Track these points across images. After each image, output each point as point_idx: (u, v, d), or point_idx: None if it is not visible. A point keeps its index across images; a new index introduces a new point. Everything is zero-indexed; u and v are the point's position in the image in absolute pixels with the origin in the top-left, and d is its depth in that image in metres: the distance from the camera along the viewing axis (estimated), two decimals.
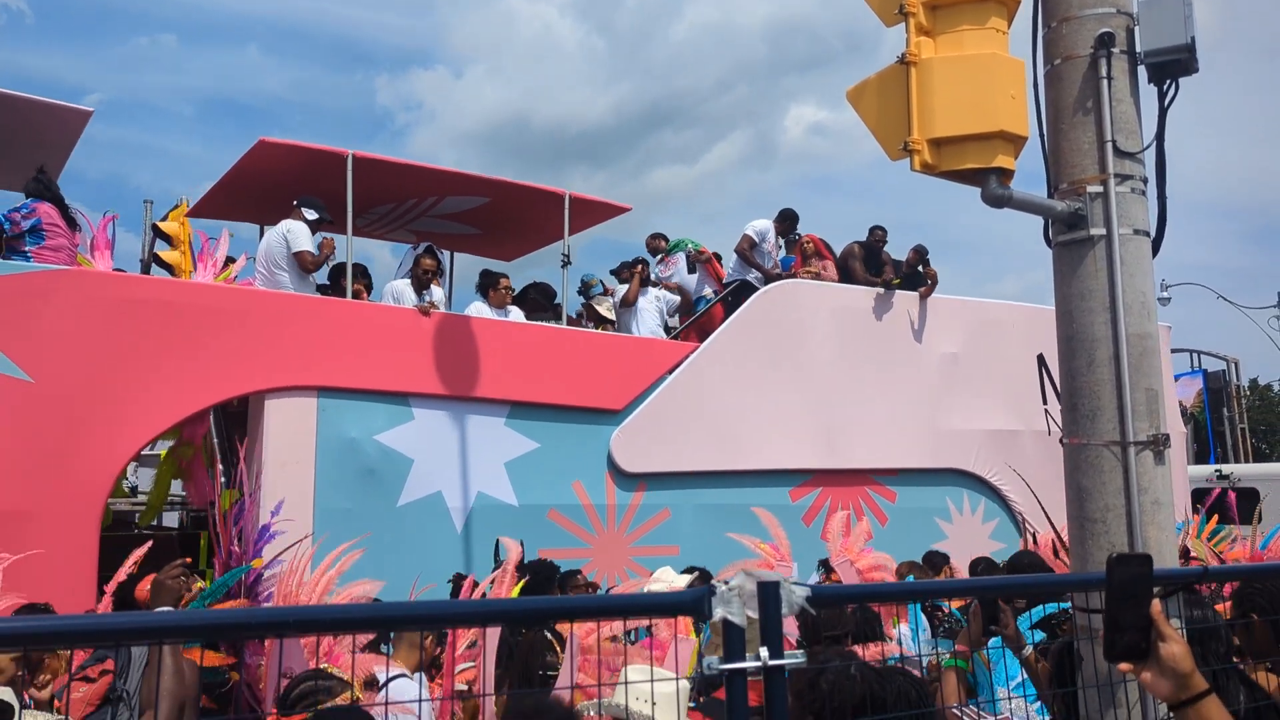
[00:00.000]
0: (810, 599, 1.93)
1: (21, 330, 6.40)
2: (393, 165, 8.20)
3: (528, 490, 8.13)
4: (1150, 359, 3.85)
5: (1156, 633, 1.88)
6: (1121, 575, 1.91)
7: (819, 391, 9.48)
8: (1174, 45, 3.91)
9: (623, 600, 3.04)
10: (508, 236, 10.12)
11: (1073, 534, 3.89)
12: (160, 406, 6.78)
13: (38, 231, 6.69)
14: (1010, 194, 3.81)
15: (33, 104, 6.94)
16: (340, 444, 7.41)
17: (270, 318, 7.28)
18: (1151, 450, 3.79)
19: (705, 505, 8.82)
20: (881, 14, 3.91)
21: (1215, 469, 13.73)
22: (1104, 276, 3.87)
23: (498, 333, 8.32)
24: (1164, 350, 12.19)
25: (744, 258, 9.78)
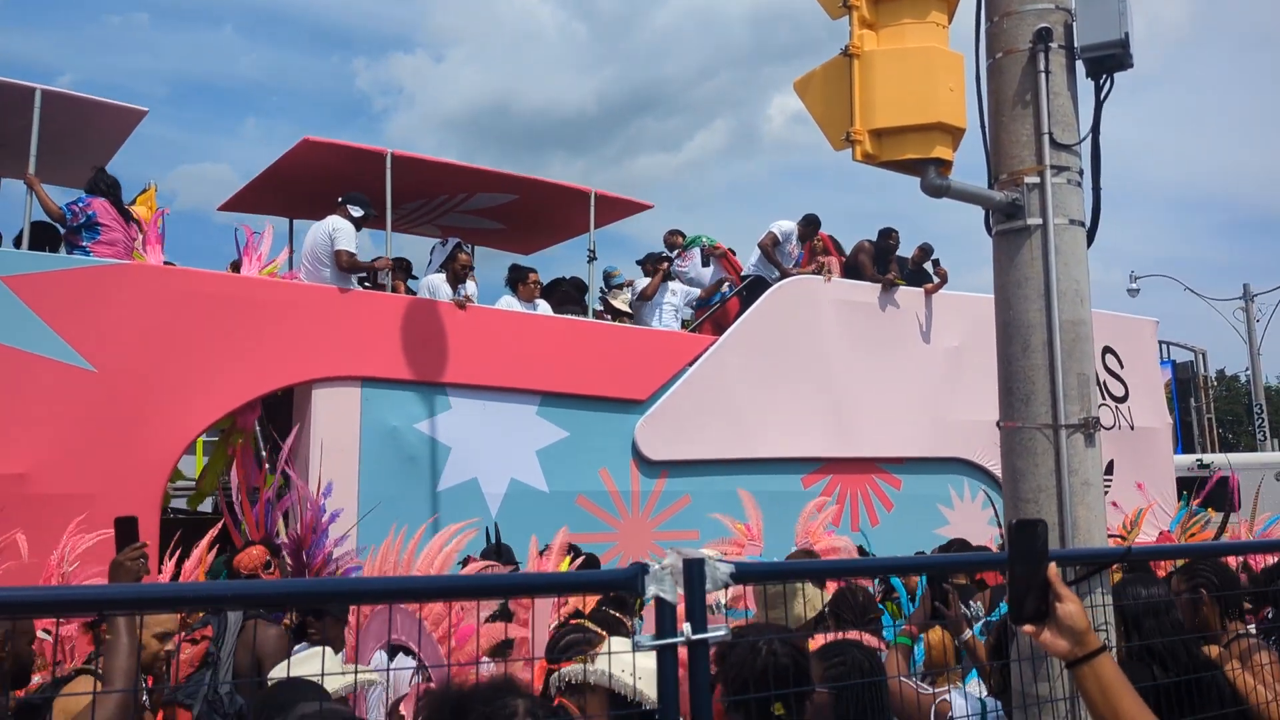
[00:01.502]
0: (734, 575, 1.96)
1: (85, 322, 6.64)
2: (429, 163, 8.48)
3: (557, 477, 8.46)
4: (1083, 345, 3.94)
5: (1054, 593, 1.91)
6: (1020, 541, 1.95)
7: (829, 383, 9.86)
8: (1109, 40, 3.99)
9: (557, 578, 3.03)
10: (529, 231, 10.41)
11: (1008, 514, 3.97)
12: (215, 395, 7.05)
13: (94, 226, 6.93)
14: (949, 184, 3.89)
15: (89, 103, 7.16)
16: (383, 432, 7.70)
17: (317, 311, 7.55)
18: (1082, 433, 3.88)
19: (723, 492, 9.15)
20: (827, 6, 3.95)
21: (1196, 458, 14.26)
22: (1040, 265, 3.96)
23: (528, 325, 8.63)
24: (1150, 344, 12.70)
25: (766, 254, 10.13)
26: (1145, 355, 12.46)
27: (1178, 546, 7.10)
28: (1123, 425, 11.76)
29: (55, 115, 7.06)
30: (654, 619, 1.91)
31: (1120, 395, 11.83)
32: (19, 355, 6.41)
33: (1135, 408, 11.92)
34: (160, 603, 2.36)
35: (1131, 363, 12.04)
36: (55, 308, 6.54)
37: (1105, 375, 11.77)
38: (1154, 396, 12.41)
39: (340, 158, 8.18)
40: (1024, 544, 1.94)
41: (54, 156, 7.48)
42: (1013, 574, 1.94)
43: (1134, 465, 11.59)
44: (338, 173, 8.33)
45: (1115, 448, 11.60)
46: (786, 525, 7.65)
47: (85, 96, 7.11)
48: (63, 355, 6.55)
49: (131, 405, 6.74)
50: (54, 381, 6.50)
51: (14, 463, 6.30)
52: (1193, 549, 6.07)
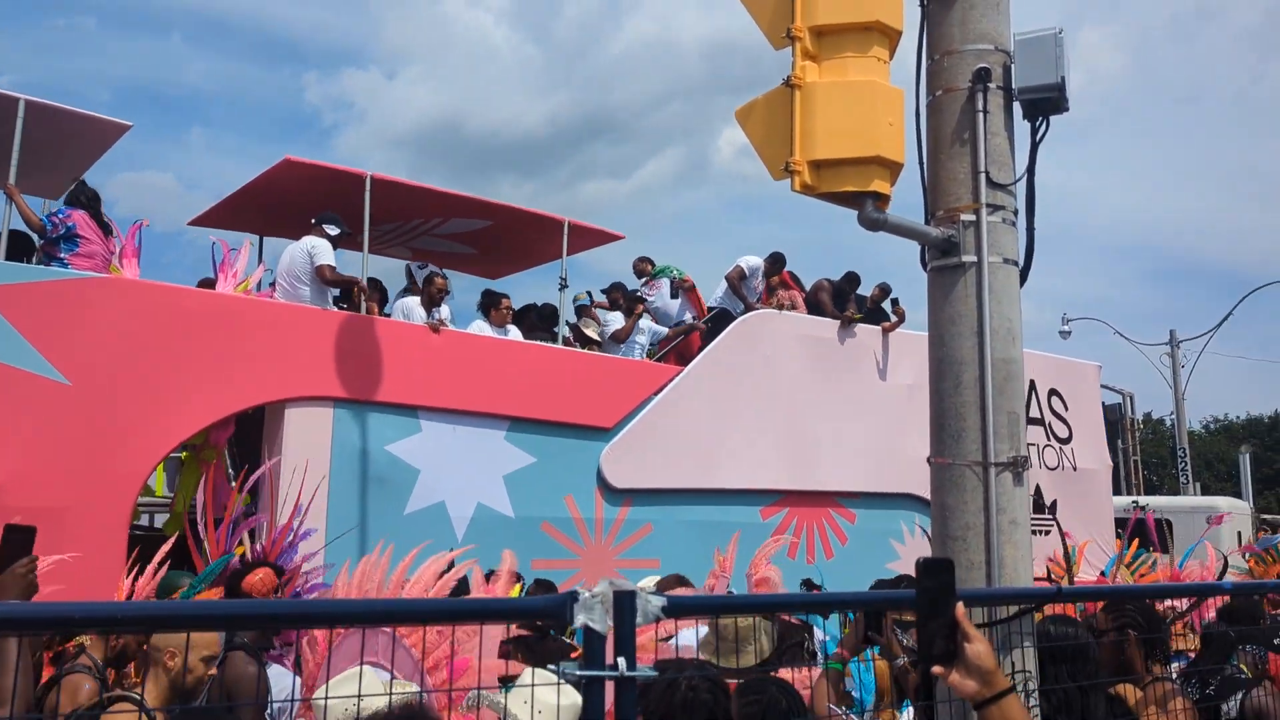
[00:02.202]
0: (665, 608, 1.92)
1: (60, 335, 6.61)
2: (407, 187, 8.57)
3: (524, 502, 8.55)
4: (1014, 383, 3.92)
5: (961, 633, 1.89)
6: (928, 581, 1.91)
7: (789, 417, 10.08)
8: (1046, 84, 4.04)
9: (482, 605, 2.94)
10: (499, 257, 10.52)
11: (936, 550, 3.94)
12: (189, 412, 7.04)
13: (73, 238, 6.91)
14: (886, 218, 3.88)
15: (72, 115, 7.14)
16: (353, 453, 7.74)
17: (292, 329, 7.58)
18: (1011, 471, 3.84)
19: (685, 521, 9.33)
20: (770, 36, 3.95)
21: (1133, 500, 14.75)
22: (973, 302, 3.94)
23: (500, 351, 8.74)
24: (1093, 388, 13.16)
25: (733, 287, 10.36)
26: (1088, 398, 12.90)
27: (1109, 587, 7.25)
28: (1066, 466, 12.16)
29: (36, 125, 7.03)
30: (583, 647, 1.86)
31: (1064, 437, 12.24)
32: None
33: (1078, 449, 12.34)
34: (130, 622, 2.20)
35: (1075, 405, 12.47)
36: (31, 319, 6.51)
37: (1050, 417, 12.18)
38: (1096, 439, 12.85)
39: (319, 178, 8.24)
40: (932, 584, 1.90)
41: (30, 166, 7.43)
42: (920, 614, 1.91)
43: (1076, 506, 11.98)
44: (315, 193, 8.38)
45: (1058, 488, 12.00)
46: (745, 556, 7.84)
47: (69, 109, 7.10)
48: (37, 367, 6.51)
49: (104, 420, 6.71)
50: (27, 394, 6.46)
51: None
52: (1123, 590, 6.10)
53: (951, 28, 4.13)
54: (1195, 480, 25.32)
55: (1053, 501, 11.83)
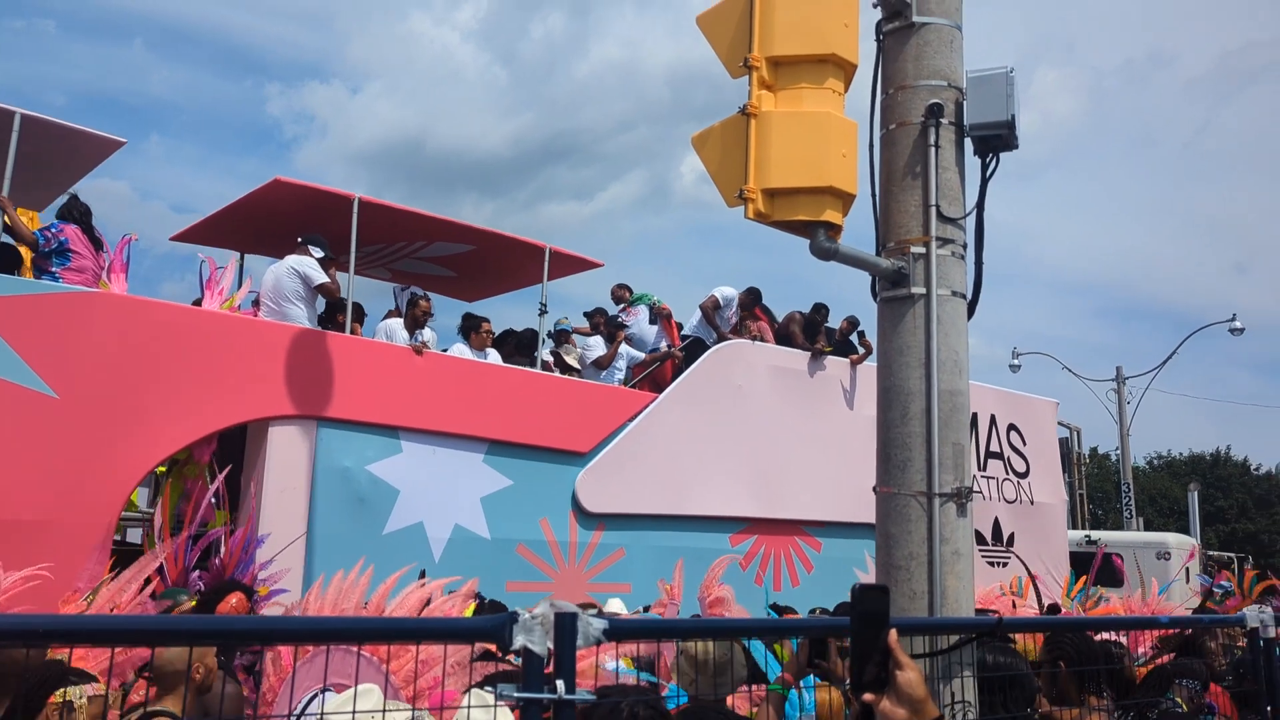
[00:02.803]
0: (606, 631, 1.89)
1: (50, 348, 6.64)
2: (393, 210, 8.69)
3: (500, 524, 8.65)
4: (959, 415, 3.98)
5: (894, 661, 1.87)
6: (862, 607, 1.90)
7: (759, 445, 10.29)
8: (997, 121, 4.11)
9: (419, 624, 2.92)
10: (478, 280, 10.65)
11: (879, 580, 3.93)
12: (174, 427, 7.09)
13: (65, 253, 6.96)
14: (837, 247, 3.89)
15: (67, 130, 7.19)
16: (335, 472, 7.81)
17: (277, 348, 7.65)
18: (955, 502, 3.86)
19: (656, 547, 9.48)
20: (728, 65, 3.97)
21: (1086, 535, 15.15)
22: (921, 334, 3.98)
23: (480, 374, 8.86)
24: (1050, 424, 13.53)
25: (708, 317, 10.58)
26: (1045, 434, 13.28)
27: (1048, 619, 7.36)
28: (1023, 500, 12.50)
29: (30, 139, 7.07)
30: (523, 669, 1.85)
31: (1022, 471, 12.58)
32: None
33: (1035, 484, 12.69)
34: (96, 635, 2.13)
35: (1033, 441, 12.83)
36: (21, 332, 6.54)
37: (1009, 451, 12.52)
38: (1052, 474, 13.21)
39: (307, 199, 8.33)
40: (865, 610, 1.89)
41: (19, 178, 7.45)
42: (853, 640, 1.89)
43: (1032, 539, 12.31)
44: (302, 214, 8.47)
45: (1016, 521, 12.33)
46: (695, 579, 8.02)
47: (65, 124, 7.15)
48: (26, 380, 6.53)
49: (91, 434, 6.73)
50: (15, 407, 6.47)
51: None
52: (1061, 622, 6.11)
53: (906, 63, 4.25)
54: (1139, 515, 25.86)
55: (1010, 534, 12.15)
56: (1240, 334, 24.06)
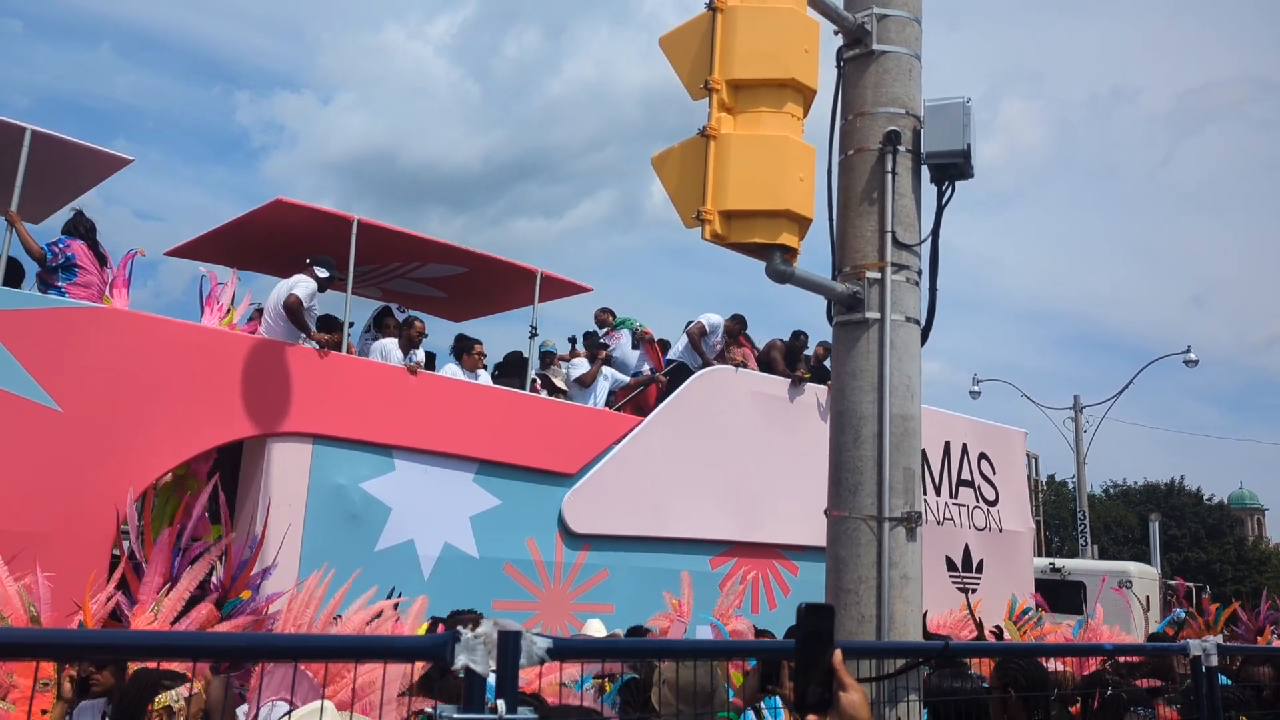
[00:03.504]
0: (551, 650, 1.88)
1: (55, 362, 6.72)
2: (390, 231, 8.84)
3: (488, 543, 8.79)
4: (910, 439, 3.99)
5: (838, 682, 1.86)
6: (808, 627, 1.89)
7: (740, 470, 10.51)
8: (953, 150, 4.17)
9: (360, 642, 2.86)
10: (467, 301, 10.81)
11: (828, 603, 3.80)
12: (175, 442, 7.18)
13: (71, 268, 7.05)
14: (793, 271, 3.90)
15: (74, 146, 7.29)
16: (329, 489, 7.92)
17: (276, 365, 7.77)
18: (904, 527, 3.91)
19: (639, 568, 9.65)
20: (689, 86, 3.98)
21: (1050, 562, 15.51)
22: (875, 358, 4.01)
23: (471, 395, 9.01)
24: (1019, 453, 13.88)
25: (693, 342, 10.80)
26: (1014, 463, 13.62)
27: (995, 644, 7.38)
28: (993, 527, 12.81)
29: (37, 153, 7.16)
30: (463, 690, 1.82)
31: (992, 499, 12.90)
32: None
33: (1004, 512, 13.01)
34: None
35: (1002, 470, 13.16)
36: (28, 346, 6.62)
37: (979, 480, 12.84)
38: (1020, 502, 13.55)
39: (307, 219, 8.47)
40: (810, 629, 1.88)
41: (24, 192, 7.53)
42: (798, 660, 1.88)
43: (1000, 565, 12.62)
44: (300, 233, 8.60)
45: (985, 548, 12.63)
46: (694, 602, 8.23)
47: (74, 140, 7.25)
48: (31, 394, 6.61)
49: (93, 447, 6.81)
50: (20, 419, 6.55)
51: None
52: (1008, 647, 6.15)
53: (865, 90, 4.33)
54: (1094, 543, 26.25)
55: (980, 560, 12.45)
56: (1195, 365, 24.50)
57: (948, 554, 12.12)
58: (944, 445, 12.34)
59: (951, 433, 12.53)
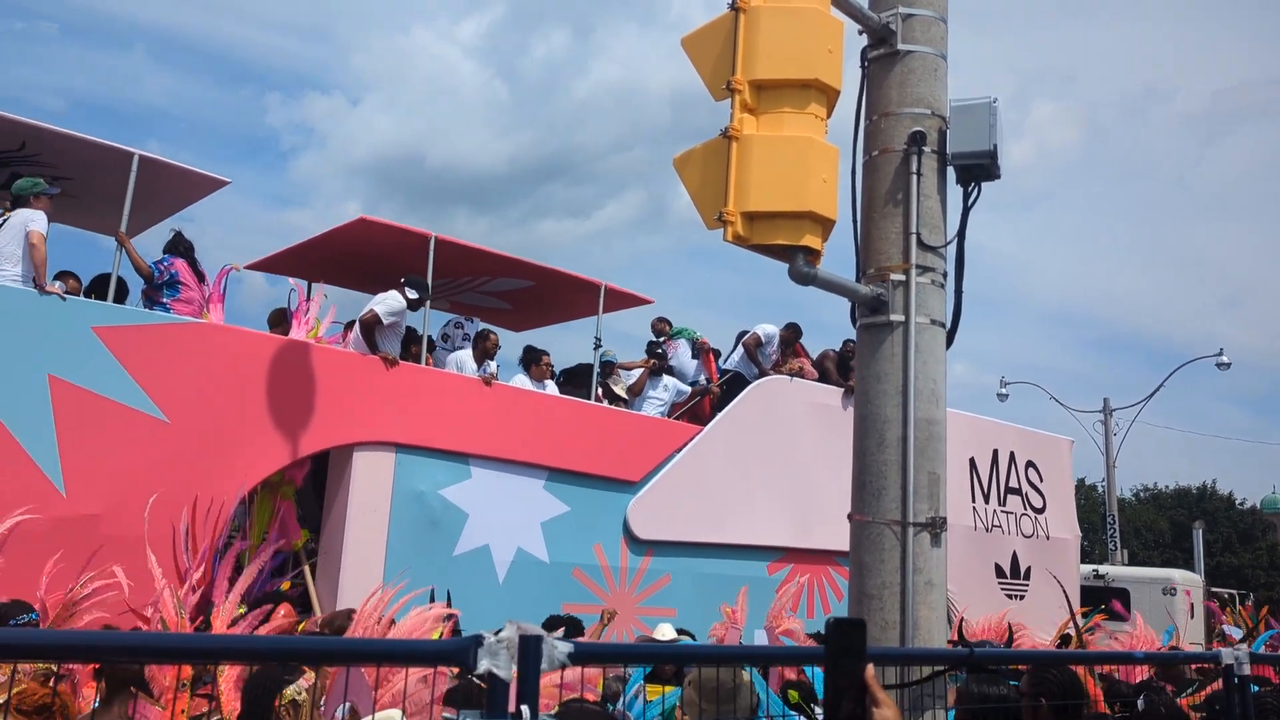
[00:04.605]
0: (571, 655, 1.86)
1: (161, 375, 7.07)
2: (465, 248, 9.17)
3: (558, 549, 9.10)
4: (935, 444, 3.92)
5: (870, 697, 1.83)
6: (838, 641, 1.86)
7: (795, 477, 10.76)
8: (979, 150, 4.08)
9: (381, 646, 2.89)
10: (529, 313, 11.13)
11: (852, 609, 3.95)
12: (271, 450, 7.52)
13: (175, 285, 7.40)
14: (816, 273, 3.84)
15: (176, 169, 7.63)
16: (411, 496, 8.25)
17: (362, 377, 8.10)
18: (929, 532, 3.83)
19: (700, 573, 9.94)
20: (711, 87, 3.92)
21: (1093, 569, 15.66)
22: (899, 361, 3.96)
23: (541, 405, 9.32)
24: (1065, 461, 14.05)
25: (749, 353, 11.06)
26: (1061, 471, 13.80)
27: (1022, 652, 7.29)
28: (1040, 535, 13.01)
29: (142, 176, 7.51)
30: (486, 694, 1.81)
31: (1039, 507, 13.09)
32: (103, 402, 6.81)
33: (1051, 519, 13.20)
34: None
35: (1049, 477, 13.35)
36: (138, 360, 6.97)
37: (1027, 487, 13.04)
38: (1067, 510, 13.73)
39: (387, 236, 8.80)
40: (842, 644, 1.86)
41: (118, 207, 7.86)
42: (829, 674, 1.86)
43: (1048, 573, 12.81)
44: (379, 249, 8.94)
45: (1032, 556, 12.83)
46: (752, 607, 8.51)
47: (177, 164, 7.59)
48: (141, 404, 6.96)
49: (196, 455, 7.16)
50: (132, 429, 6.90)
51: (91, 503, 6.66)
52: (1035, 655, 6.00)
53: (890, 90, 4.25)
54: (1123, 548, 26.10)
55: (1027, 568, 12.65)
56: (1227, 369, 24.25)
57: (996, 561, 12.33)
58: (992, 453, 12.55)
59: (999, 441, 12.74)
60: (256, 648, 2.29)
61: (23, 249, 6.59)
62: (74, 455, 6.65)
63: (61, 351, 6.69)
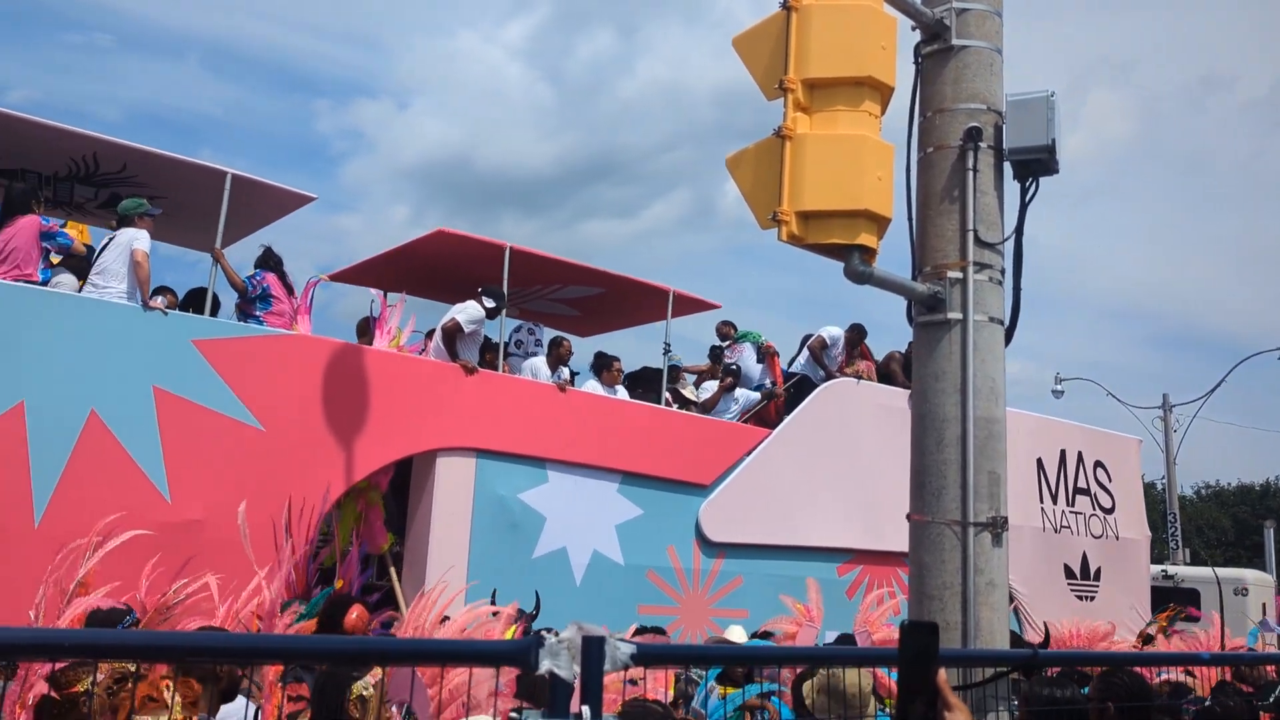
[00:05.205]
0: (635, 655, 1.84)
1: (257, 385, 7.35)
2: (539, 257, 9.37)
3: (632, 551, 9.27)
4: (995, 443, 3.90)
5: (942, 701, 1.82)
6: (911, 644, 1.85)
7: (863, 480, 10.83)
8: (1037, 145, 4.03)
9: (443, 646, 2.85)
10: (596, 319, 11.31)
11: (912, 610, 3.96)
12: (360, 456, 7.77)
13: (267, 298, 7.68)
14: (872, 271, 3.82)
15: (266, 186, 7.91)
16: (492, 500, 8.47)
17: (444, 385, 8.34)
18: (990, 532, 3.81)
19: (771, 575, 10.04)
20: (763, 87, 3.90)
21: (1162, 569, 15.50)
22: (958, 359, 3.94)
23: (614, 410, 9.50)
24: (1134, 461, 13.94)
25: (815, 356, 11.15)
26: (1130, 471, 13.69)
27: (1086, 653, 7.40)
28: (1109, 535, 12.93)
29: (233, 193, 7.79)
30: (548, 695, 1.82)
31: (1109, 507, 13.01)
32: (203, 411, 7.10)
33: (1120, 519, 13.11)
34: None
35: (1118, 477, 13.26)
36: (234, 370, 7.25)
37: (1096, 488, 12.97)
38: (1136, 510, 13.62)
39: (463, 247, 9.03)
40: (914, 647, 1.85)
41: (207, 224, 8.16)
42: (901, 679, 1.85)
43: (1118, 574, 12.74)
44: (457, 260, 9.17)
45: (1102, 556, 12.76)
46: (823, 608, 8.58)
47: (267, 181, 7.87)
48: (238, 414, 7.24)
49: (290, 462, 7.43)
50: (230, 438, 7.18)
51: (194, 509, 6.95)
52: (1099, 657, 5.90)
53: (944, 85, 4.22)
54: (1185, 546, 25.60)
55: (1097, 568, 12.59)
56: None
57: (1066, 562, 12.29)
58: (1060, 453, 12.51)
59: (1067, 441, 12.69)
60: (325, 648, 2.32)
61: (127, 267, 6.89)
62: (177, 463, 6.94)
63: (164, 364, 6.99)
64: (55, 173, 7.69)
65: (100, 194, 7.97)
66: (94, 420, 6.69)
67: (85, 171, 7.62)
